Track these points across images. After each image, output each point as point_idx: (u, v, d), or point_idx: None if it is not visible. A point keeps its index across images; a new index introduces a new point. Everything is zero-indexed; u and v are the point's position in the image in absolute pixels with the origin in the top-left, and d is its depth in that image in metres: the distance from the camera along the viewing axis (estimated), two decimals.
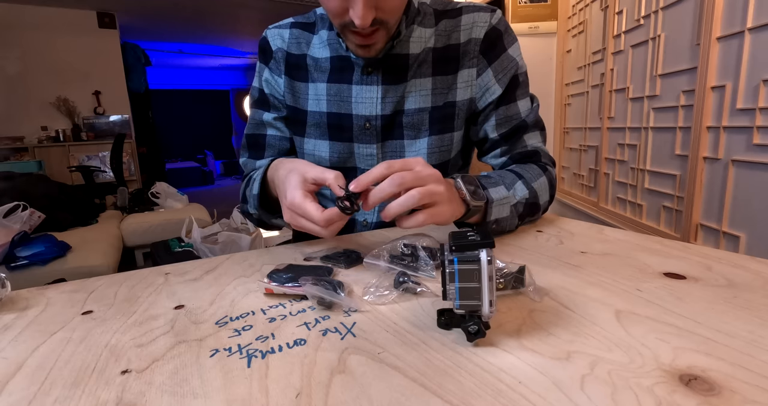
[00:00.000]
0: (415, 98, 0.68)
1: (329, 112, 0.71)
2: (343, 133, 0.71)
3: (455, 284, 0.32)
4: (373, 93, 0.68)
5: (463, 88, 0.69)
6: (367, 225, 0.74)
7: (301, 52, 0.72)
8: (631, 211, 2.17)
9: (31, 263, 1.88)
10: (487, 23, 0.67)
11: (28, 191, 2.47)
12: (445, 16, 0.69)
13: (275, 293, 0.44)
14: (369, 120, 0.69)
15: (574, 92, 2.75)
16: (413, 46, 0.68)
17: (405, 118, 0.69)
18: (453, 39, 0.68)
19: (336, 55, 0.70)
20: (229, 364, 0.32)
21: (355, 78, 0.68)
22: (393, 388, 0.28)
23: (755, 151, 1.38)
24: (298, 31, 0.73)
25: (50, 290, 0.50)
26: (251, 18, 5.25)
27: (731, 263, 0.47)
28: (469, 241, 0.33)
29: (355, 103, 0.69)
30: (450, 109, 0.69)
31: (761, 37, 1.34)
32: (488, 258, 0.31)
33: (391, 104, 0.68)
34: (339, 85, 0.69)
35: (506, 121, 0.70)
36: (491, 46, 0.68)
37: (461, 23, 0.68)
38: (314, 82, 0.71)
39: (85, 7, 4.60)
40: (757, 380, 0.27)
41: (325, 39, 0.71)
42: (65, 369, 0.33)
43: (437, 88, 0.69)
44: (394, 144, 0.71)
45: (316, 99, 0.71)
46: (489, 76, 0.68)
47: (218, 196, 6.43)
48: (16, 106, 4.45)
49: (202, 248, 2.24)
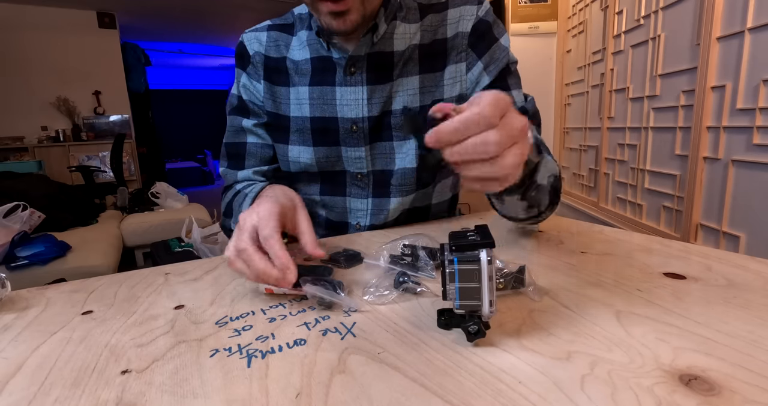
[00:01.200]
0: (402, 98, 0.66)
1: (312, 116, 0.68)
2: (328, 137, 0.68)
3: (455, 284, 0.32)
4: (358, 94, 0.66)
5: (451, 85, 0.67)
6: (360, 228, 0.73)
7: (280, 55, 0.70)
8: (631, 211, 2.17)
9: (31, 263, 1.88)
10: (474, 16, 0.65)
11: (28, 191, 2.47)
12: (431, 10, 0.67)
13: (275, 293, 0.44)
14: (356, 122, 0.67)
15: (574, 92, 2.75)
16: (397, 43, 0.65)
17: (393, 120, 0.67)
18: (440, 34, 0.66)
19: (316, 56, 0.67)
20: (229, 364, 0.32)
21: (338, 79, 0.66)
22: (393, 388, 0.28)
23: (755, 151, 1.38)
24: (276, 34, 0.71)
25: (50, 290, 0.50)
26: (251, 18, 5.24)
27: (731, 263, 0.47)
28: (469, 241, 0.33)
29: (339, 105, 0.67)
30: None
31: (761, 37, 1.34)
32: (488, 258, 0.31)
33: (378, 105, 0.66)
34: (322, 88, 0.67)
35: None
36: (480, 39, 0.65)
37: (447, 17, 0.66)
38: (295, 86, 0.69)
39: (85, 7, 4.60)
40: (757, 380, 0.27)
41: (305, 40, 0.68)
42: (65, 369, 0.33)
43: (425, 87, 0.67)
44: (383, 146, 0.69)
45: (298, 104, 0.69)
46: (479, 69, 0.66)
47: (218, 197, 6.36)
48: (16, 106, 4.45)
49: (202, 248, 2.24)
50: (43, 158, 4.37)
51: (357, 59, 0.65)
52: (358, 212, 0.73)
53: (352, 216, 0.74)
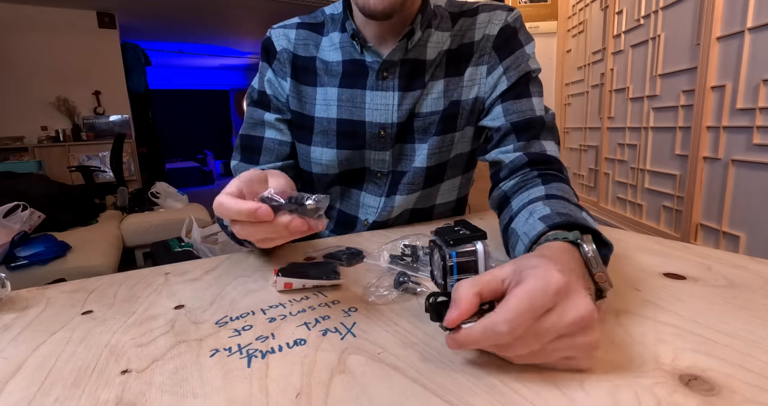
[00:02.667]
0: (428, 102, 0.67)
1: (339, 118, 0.67)
2: (354, 140, 0.68)
3: (454, 276, 0.33)
4: (389, 99, 0.65)
5: (469, 87, 0.67)
6: (367, 225, 0.74)
7: (309, 54, 0.69)
8: (631, 211, 2.16)
9: (31, 263, 1.88)
10: (502, 21, 0.66)
11: (28, 191, 2.47)
12: (462, 15, 0.68)
13: (294, 287, 0.45)
14: (384, 128, 0.66)
15: (574, 92, 2.75)
16: (430, 51, 0.66)
17: (416, 122, 0.67)
18: (467, 38, 0.67)
19: (349, 58, 0.67)
20: (229, 364, 0.32)
21: (370, 83, 0.66)
22: (393, 388, 0.28)
23: (755, 151, 1.38)
24: (305, 32, 0.70)
25: (50, 290, 0.50)
26: (251, 18, 5.25)
27: (731, 263, 0.47)
28: (461, 234, 0.33)
29: (369, 109, 0.66)
30: (455, 108, 0.67)
31: (761, 37, 1.34)
32: (484, 248, 0.32)
33: (406, 111, 0.66)
34: (352, 91, 0.66)
35: (517, 112, 0.63)
36: (505, 43, 0.65)
37: (477, 21, 0.67)
38: (324, 86, 0.68)
39: (85, 7, 4.60)
40: (757, 380, 0.27)
41: (337, 42, 0.68)
42: (65, 369, 0.33)
43: (449, 90, 0.67)
44: (405, 148, 0.69)
45: (325, 104, 0.68)
46: (499, 72, 0.65)
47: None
48: (16, 106, 4.45)
49: (202, 247, 2.24)
50: (43, 158, 4.37)
51: (390, 64, 0.65)
52: (369, 208, 0.73)
53: (363, 211, 0.74)
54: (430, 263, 0.38)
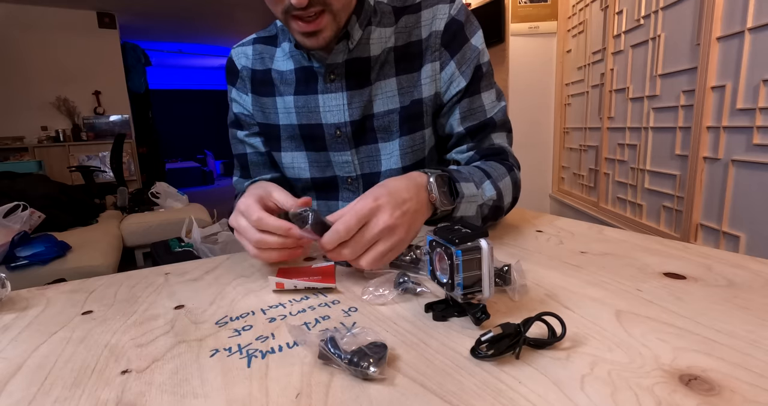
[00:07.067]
0: (382, 101, 0.68)
1: (300, 124, 0.70)
2: (316, 142, 0.71)
3: (460, 274, 0.33)
4: (338, 100, 0.68)
5: (428, 84, 0.68)
6: None
7: (265, 67, 0.72)
8: (631, 211, 2.17)
9: (31, 263, 1.88)
10: (446, 15, 0.66)
11: (28, 191, 2.47)
12: (405, 11, 0.68)
13: (286, 288, 0.45)
14: (339, 127, 0.69)
15: (574, 92, 2.75)
16: (373, 48, 0.66)
17: (375, 122, 0.69)
18: (414, 36, 0.67)
19: (299, 66, 0.69)
20: (229, 364, 0.32)
21: (320, 87, 0.68)
22: (393, 388, 0.28)
23: (755, 151, 1.38)
24: (260, 47, 0.73)
25: (50, 290, 0.50)
26: (251, 18, 5.25)
27: (731, 263, 0.47)
28: (464, 233, 0.34)
29: (323, 112, 0.69)
30: (417, 106, 0.68)
31: (761, 37, 1.34)
32: (489, 245, 0.33)
33: (358, 109, 0.68)
34: (306, 97, 0.69)
35: (471, 115, 0.68)
36: (452, 38, 0.66)
37: (422, 19, 0.67)
38: (281, 95, 0.71)
39: (84, 7, 4.61)
40: (757, 380, 0.27)
41: (288, 51, 0.70)
42: (65, 369, 0.33)
43: (403, 88, 0.68)
44: (369, 149, 0.70)
45: (286, 112, 0.71)
46: (452, 69, 0.67)
47: (218, 197, 6.43)
48: (16, 106, 4.45)
49: (202, 248, 2.24)
50: (43, 158, 4.38)
51: (335, 67, 0.66)
52: None
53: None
54: (430, 262, 0.38)
